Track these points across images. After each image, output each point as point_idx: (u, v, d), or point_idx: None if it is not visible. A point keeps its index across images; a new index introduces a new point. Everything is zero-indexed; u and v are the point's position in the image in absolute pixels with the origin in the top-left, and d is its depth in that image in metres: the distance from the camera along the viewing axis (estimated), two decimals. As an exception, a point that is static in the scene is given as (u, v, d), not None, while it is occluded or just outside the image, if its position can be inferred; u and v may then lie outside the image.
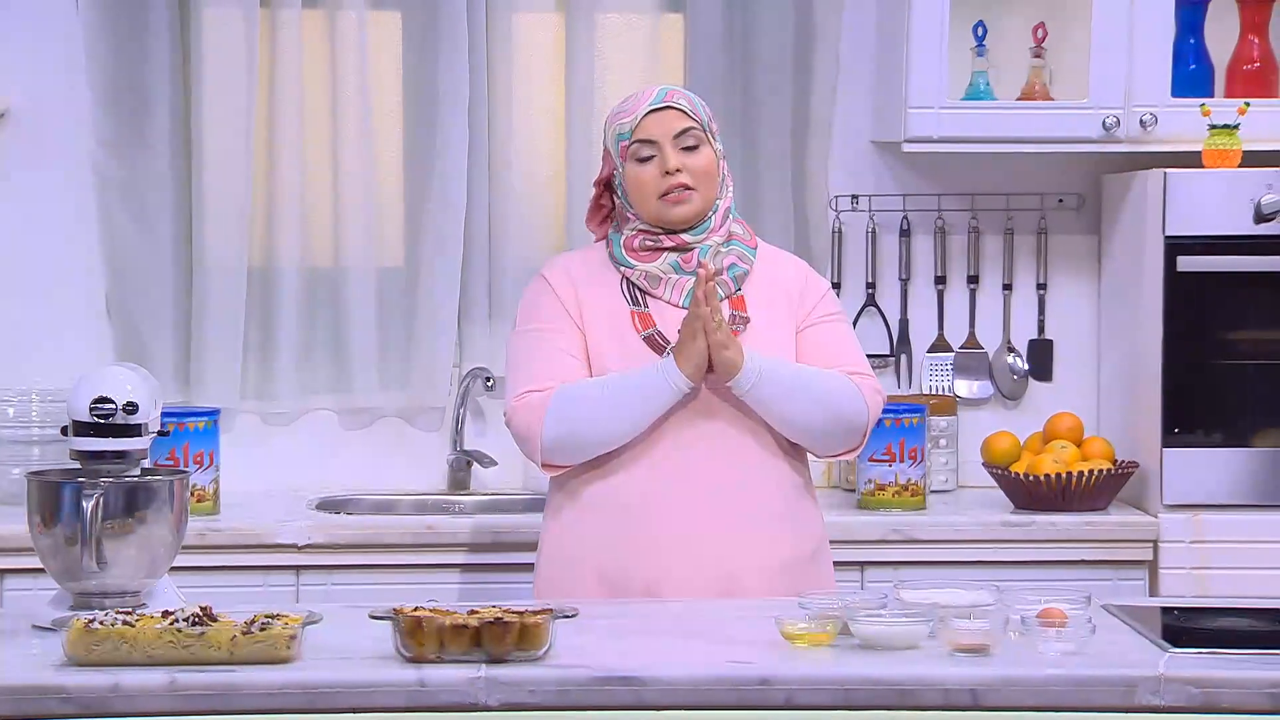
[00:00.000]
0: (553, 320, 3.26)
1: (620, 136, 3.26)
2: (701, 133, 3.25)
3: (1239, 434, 4.06)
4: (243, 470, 4.23)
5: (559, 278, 3.29)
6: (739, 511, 3.20)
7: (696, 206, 3.24)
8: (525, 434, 3.21)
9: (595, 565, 3.22)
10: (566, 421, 3.17)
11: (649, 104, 3.25)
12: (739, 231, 3.32)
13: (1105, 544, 3.99)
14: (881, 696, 2.59)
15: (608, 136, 3.30)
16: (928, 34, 4.15)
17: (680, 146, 3.23)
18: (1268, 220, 4.00)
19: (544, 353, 3.24)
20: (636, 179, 3.24)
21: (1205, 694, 2.59)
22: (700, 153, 3.24)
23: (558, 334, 3.24)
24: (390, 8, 4.38)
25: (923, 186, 4.46)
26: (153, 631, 2.60)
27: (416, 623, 2.61)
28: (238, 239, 4.29)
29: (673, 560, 3.17)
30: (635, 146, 3.24)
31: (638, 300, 3.26)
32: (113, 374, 3.03)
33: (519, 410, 3.21)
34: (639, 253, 3.27)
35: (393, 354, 4.38)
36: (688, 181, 3.22)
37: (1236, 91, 4.25)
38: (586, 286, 3.27)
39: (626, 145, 3.25)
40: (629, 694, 2.58)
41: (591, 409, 3.17)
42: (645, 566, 3.18)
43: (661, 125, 3.24)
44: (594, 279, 3.28)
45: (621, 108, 3.29)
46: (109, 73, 4.28)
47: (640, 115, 3.24)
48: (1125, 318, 4.28)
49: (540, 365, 3.23)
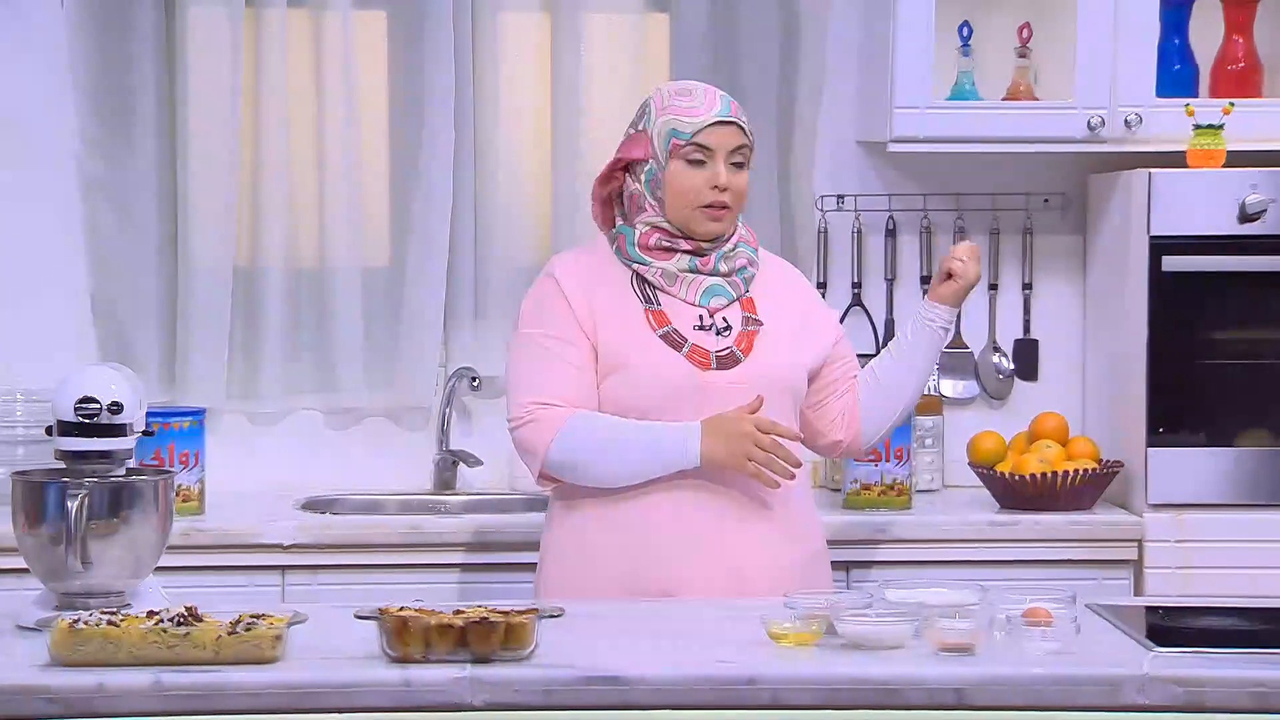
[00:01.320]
0: (563, 329, 3.24)
1: (677, 134, 3.23)
2: (749, 153, 3.28)
3: (1224, 433, 4.06)
4: (228, 470, 4.23)
5: (569, 280, 3.27)
6: (751, 512, 3.22)
7: (725, 226, 3.26)
8: (529, 449, 3.22)
9: (606, 567, 3.22)
10: (574, 451, 3.19)
11: (716, 114, 3.23)
12: (743, 233, 3.34)
13: (1090, 543, 4.00)
14: (867, 696, 2.59)
15: (655, 124, 3.26)
16: (913, 34, 4.15)
17: (730, 162, 3.24)
18: (1252, 220, 4.00)
19: (553, 365, 3.23)
20: (681, 181, 3.23)
21: (1189, 693, 2.60)
22: (743, 173, 3.27)
23: (568, 345, 3.23)
24: (376, 7, 4.37)
25: (908, 186, 4.46)
26: (138, 632, 2.60)
27: (402, 623, 2.60)
28: (223, 239, 4.29)
29: (685, 561, 3.19)
30: (689, 149, 3.23)
31: (650, 298, 3.26)
32: (98, 374, 3.02)
33: (527, 424, 3.21)
34: (654, 250, 3.27)
35: (378, 354, 4.37)
36: (728, 201, 3.24)
37: (1221, 91, 4.26)
38: (598, 286, 3.26)
39: (681, 144, 3.23)
40: (615, 693, 2.58)
41: (601, 447, 3.19)
42: (659, 568, 3.19)
43: (723, 138, 3.23)
44: (603, 278, 3.27)
45: (679, 104, 3.25)
46: (94, 73, 4.28)
47: (706, 123, 3.23)
48: (1110, 317, 4.29)
49: (549, 378, 3.22)
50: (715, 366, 3.22)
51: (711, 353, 3.22)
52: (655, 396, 3.20)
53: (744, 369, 3.23)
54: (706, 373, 3.21)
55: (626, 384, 3.21)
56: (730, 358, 3.24)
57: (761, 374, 3.23)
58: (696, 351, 3.22)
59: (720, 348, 3.24)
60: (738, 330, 3.26)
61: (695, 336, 3.23)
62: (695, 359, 3.22)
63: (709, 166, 3.22)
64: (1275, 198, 4.00)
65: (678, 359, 3.21)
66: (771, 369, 3.25)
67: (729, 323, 3.26)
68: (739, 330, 3.26)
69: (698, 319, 3.25)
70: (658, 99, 3.30)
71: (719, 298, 3.26)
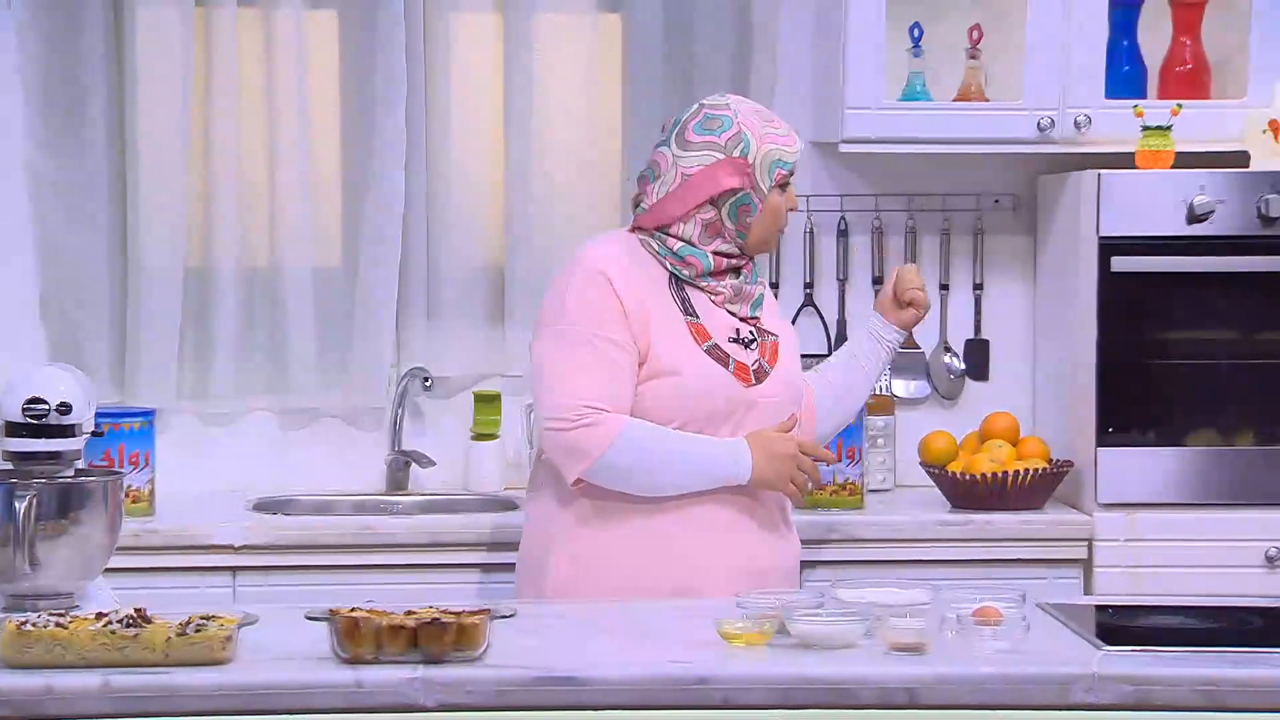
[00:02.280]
0: (616, 330, 3.21)
1: (782, 164, 3.30)
2: None
3: (1173, 433, 4.09)
4: (179, 471, 4.21)
5: (621, 279, 3.24)
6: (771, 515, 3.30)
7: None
8: (581, 452, 3.17)
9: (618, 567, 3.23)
10: (630, 460, 3.18)
11: (800, 147, 3.36)
12: None
13: (1041, 543, 4.02)
14: (818, 695, 2.60)
15: (759, 155, 3.28)
16: (865, 35, 4.16)
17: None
18: (1200, 221, 4.03)
19: (607, 368, 3.20)
20: (777, 207, 3.33)
21: (1139, 691, 2.61)
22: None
23: (620, 349, 3.21)
24: (327, 7, 4.36)
25: (860, 187, 4.47)
26: (86, 633, 2.59)
27: (353, 623, 2.60)
28: (174, 239, 4.27)
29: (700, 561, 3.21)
30: (781, 174, 3.31)
31: (689, 309, 3.28)
32: (46, 374, 3.00)
33: (580, 428, 3.16)
34: (719, 274, 3.31)
35: (331, 354, 4.36)
36: None
37: (1169, 93, 4.29)
38: (644, 290, 3.25)
39: (785, 174, 3.31)
40: (567, 694, 2.58)
41: (657, 459, 3.20)
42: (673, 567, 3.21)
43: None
44: (647, 280, 3.27)
45: (775, 134, 3.31)
46: (42, 72, 4.25)
47: (798, 151, 3.34)
48: (1060, 318, 4.31)
49: (602, 381, 3.19)
50: (755, 381, 3.27)
51: (750, 367, 3.27)
52: (701, 409, 3.23)
53: (772, 382, 3.30)
54: (749, 388, 3.26)
55: (675, 393, 3.22)
56: (761, 371, 3.29)
57: (785, 386, 3.32)
58: (740, 367, 3.26)
59: (752, 361, 3.29)
60: (760, 342, 3.31)
61: (733, 350, 3.27)
62: (740, 375, 3.26)
63: (789, 189, 3.35)
64: (1223, 199, 4.02)
65: (723, 373, 3.25)
66: (790, 381, 3.35)
67: (754, 335, 3.31)
68: (760, 342, 3.31)
69: (734, 332, 3.28)
70: (752, 126, 3.29)
71: (760, 309, 3.36)
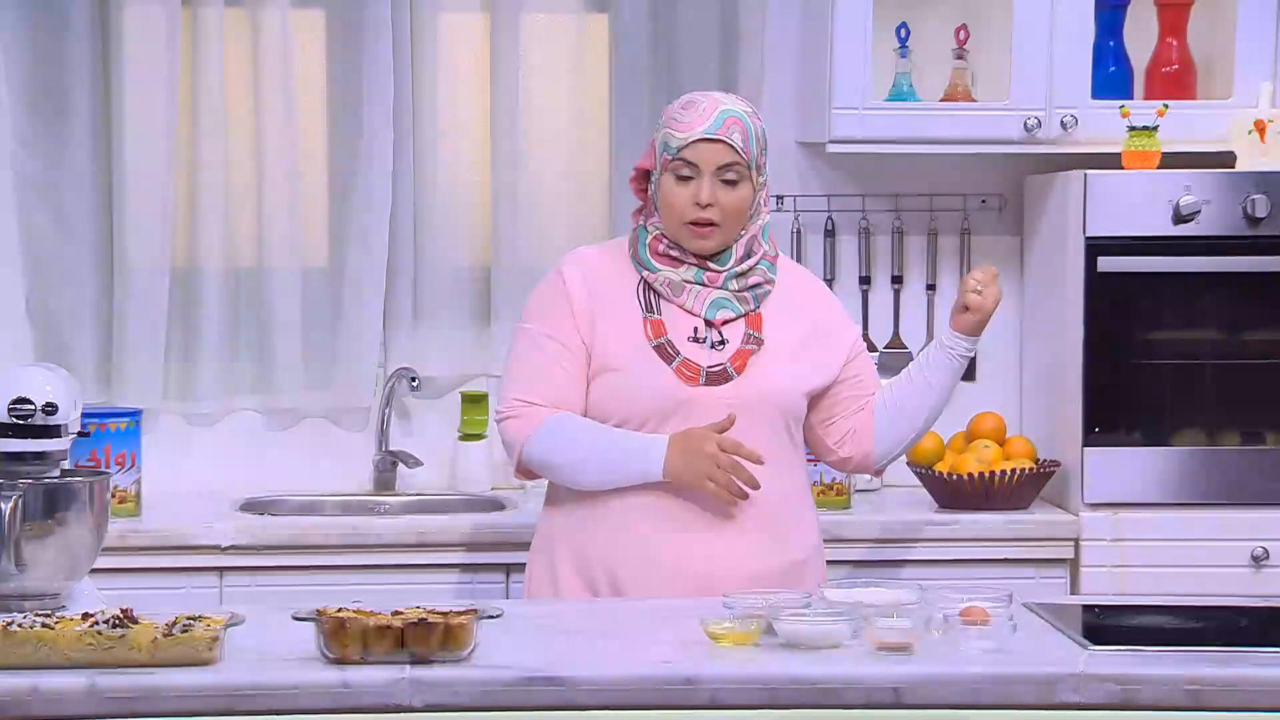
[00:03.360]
0: (559, 328, 3.24)
1: (667, 147, 3.22)
2: (745, 169, 3.22)
3: (1159, 433, 4.09)
4: (165, 471, 4.20)
5: (575, 277, 3.27)
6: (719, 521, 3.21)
7: (715, 243, 3.23)
8: (510, 443, 3.28)
9: (572, 559, 3.25)
10: (546, 452, 3.22)
11: (705, 130, 3.20)
12: (766, 248, 3.30)
13: (1027, 542, 4.02)
14: (805, 695, 2.60)
15: (659, 133, 3.26)
16: (851, 36, 4.17)
17: (721, 179, 3.21)
18: (1186, 221, 4.04)
19: (543, 364, 3.24)
20: (670, 196, 3.23)
21: (1125, 691, 2.61)
22: (737, 190, 3.22)
23: (561, 346, 3.23)
24: (314, 7, 4.36)
25: (847, 187, 4.48)
26: (72, 634, 2.58)
27: (340, 624, 2.59)
28: (160, 238, 4.26)
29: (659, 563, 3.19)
30: (677, 163, 3.21)
31: (652, 306, 3.25)
32: (31, 374, 2.99)
33: (509, 420, 3.26)
34: (663, 257, 3.26)
35: (317, 354, 4.36)
36: (715, 218, 3.21)
37: (1155, 93, 4.29)
38: (604, 288, 3.25)
39: (669, 159, 3.22)
40: (553, 694, 2.58)
41: (572, 451, 3.21)
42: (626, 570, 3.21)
43: (709, 156, 3.20)
44: (612, 280, 3.27)
45: (680, 115, 3.23)
46: (28, 71, 4.24)
47: (692, 139, 3.20)
48: (1047, 318, 4.32)
49: (537, 376, 3.24)
50: (704, 382, 3.21)
51: (703, 368, 3.21)
52: (639, 406, 3.21)
53: (734, 386, 3.22)
54: (694, 388, 3.21)
55: (613, 390, 3.22)
56: (721, 374, 3.22)
57: (752, 393, 3.22)
58: (687, 365, 3.22)
59: (713, 363, 3.23)
60: (735, 347, 3.24)
61: (688, 349, 3.22)
62: (684, 373, 3.21)
63: (694, 183, 3.20)
64: (1209, 199, 4.03)
65: (665, 371, 3.21)
66: (763, 388, 3.23)
67: (725, 338, 3.24)
68: (737, 347, 3.24)
69: (693, 331, 3.24)
70: (668, 109, 3.28)
71: (725, 311, 3.25)
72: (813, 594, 2.91)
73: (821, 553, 3.38)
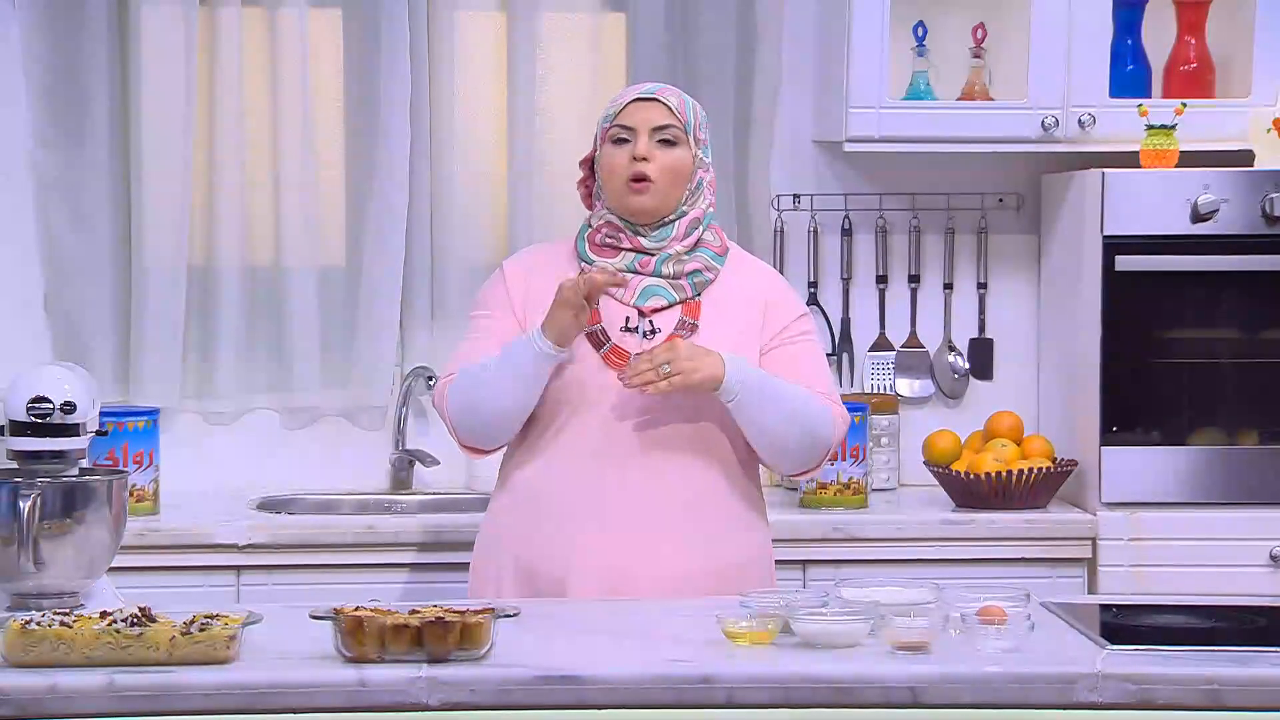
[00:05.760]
0: (493, 310, 3.30)
1: (604, 119, 3.29)
2: (681, 133, 3.26)
3: (1177, 432, 4.09)
4: (183, 470, 4.21)
5: (514, 269, 3.34)
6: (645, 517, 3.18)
7: (655, 201, 3.23)
8: (441, 415, 3.30)
9: (512, 556, 3.25)
10: (462, 396, 3.24)
11: (638, 94, 3.29)
12: (710, 239, 3.30)
13: (1044, 542, 4.02)
14: (822, 695, 2.60)
15: (600, 117, 3.33)
16: (868, 34, 4.16)
17: (657, 139, 3.24)
18: (1204, 220, 4.03)
19: (476, 340, 3.30)
20: (609, 161, 3.26)
21: (1142, 690, 2.61)
22: (674, 151, 3.25)
23: (492, 322, 3.29)
24: (331, 5, 4.36)
25: (864, 186, 4.47)
26: (90, 632, 2.59)
27: (357, 622, 2.60)
28: (177, 237, 4.27)
29: (575, 558, 3.18)
30: (614, 129, 3.26)
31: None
32: (50, 373, 3.00)
33: (437, 393, 3.31)
34: (600, 248, 3.28)
35: (334, 353, 4.36)
36: (651, 173, 3.22)
37: (1173, 92, 4.29)
38: (541, 278, 3.27)
39: (607, 128, 3.27)
40: (570, 693, 2.58)
41: (479, 383, 3.22)
42: (553, 561, 3.20)
43: (643, 115, 3.26)
44: (551, 270, 3.28)
45: (617, 97, 3.32)
46: (47, 71, 4.25)
47: (626, 102, 3.27)
48: (1064, 317, 4.31)
49: (465, 351, 3.29)
50: None
51: (632, 355, 3.20)
52: (567, 394, 3.21)
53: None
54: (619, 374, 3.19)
55: (551, 379, 3.22)
56: None
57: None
58: (615, 353, 3.22)
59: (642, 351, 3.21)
60: (666, 334, 3.22)
61: (620, 338, 3.23)
62: (611, 360, 3.21)
63: (630, 145, 3.24)
64: (1227, 198, 4.02)
65: (592, 358, 3.21)
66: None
67: (657, 327, 3.23)
68: (668, 334, 3.22)
69: (625, 321, 3.24)
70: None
71: (657, 298, 3.25)
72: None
73: (769, 557, 3.32)
